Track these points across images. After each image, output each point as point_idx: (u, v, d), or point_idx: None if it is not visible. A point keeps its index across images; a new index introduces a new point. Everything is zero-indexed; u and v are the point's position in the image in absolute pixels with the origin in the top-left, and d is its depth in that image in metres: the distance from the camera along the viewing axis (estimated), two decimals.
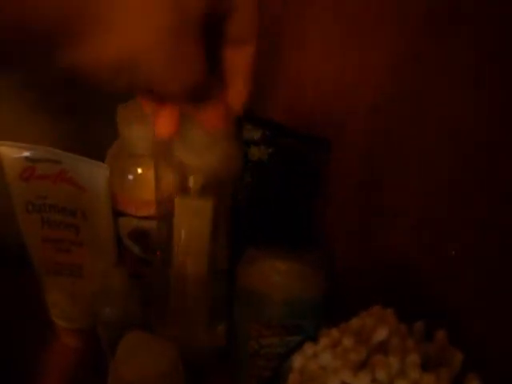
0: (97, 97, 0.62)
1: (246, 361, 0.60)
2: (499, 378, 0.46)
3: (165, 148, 0.53)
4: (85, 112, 0.69)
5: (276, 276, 0.55)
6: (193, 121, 0.45)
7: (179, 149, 0.52)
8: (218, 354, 0.62)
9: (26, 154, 0.57)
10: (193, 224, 0.55)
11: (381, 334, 0.44)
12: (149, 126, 0.58)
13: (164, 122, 0.41)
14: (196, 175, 0.54)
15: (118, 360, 0.55)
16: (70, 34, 0.31)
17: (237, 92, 0.40)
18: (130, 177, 0.60)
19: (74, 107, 0.66)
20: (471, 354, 0.46)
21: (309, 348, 0.45)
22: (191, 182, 0.54)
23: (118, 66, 0.33)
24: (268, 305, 0.56)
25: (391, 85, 0.51)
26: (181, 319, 0.59)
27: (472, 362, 0.46)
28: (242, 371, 0.62)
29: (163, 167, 0.54)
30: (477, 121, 0.47)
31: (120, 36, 0.32)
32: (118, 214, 0.62)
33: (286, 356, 0.49)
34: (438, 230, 0.53)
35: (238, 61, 0.39)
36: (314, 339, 0.47)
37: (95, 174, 0.58)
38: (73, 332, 0.67)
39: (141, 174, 0.60)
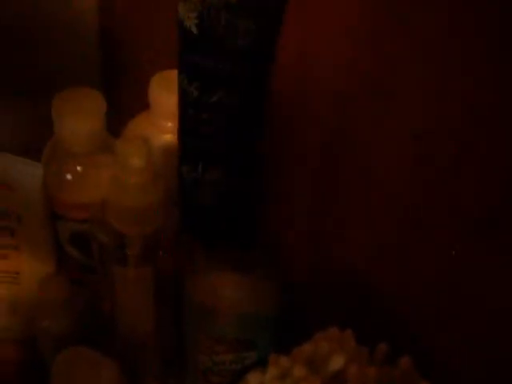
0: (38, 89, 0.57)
1: (198, 377, 0.56)
2: None
3: (100, 213, 0.50)
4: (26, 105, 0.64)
5: (226, 289, 0.51)
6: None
7: (112, 217, 0.49)
8: None
9: None
10: (134, 291, 0.53)
11: (337, 361, 0.39)
12: (87, 118, 0.53)
13: None
14: (133, 243, 0.50)
15: (53, 379, 0.52)
16: None
17: None
18: (68, 176, 0.55)
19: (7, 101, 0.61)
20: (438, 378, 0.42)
21: (254, 378, 0.40)
22: (128, 250, 0.51)
23: None
24: (219, 320, 0.52)
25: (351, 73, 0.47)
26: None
27: None
28: None
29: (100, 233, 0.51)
30: (440, 118, 0.43)
31: None
32: (56, 217, 0.57)
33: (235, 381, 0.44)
34: (399, 240, 0.49)
35: None
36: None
37: (28, 174, 0.54)
38: (11, 343, 0.62)
39: (80, 173, 0.55)
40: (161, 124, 0.56)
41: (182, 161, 0.50)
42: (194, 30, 0.45)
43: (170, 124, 0.55)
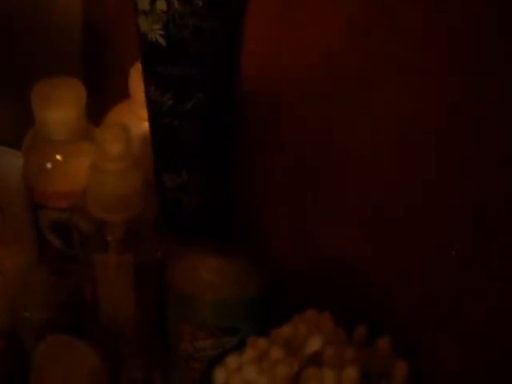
0: (18, 78, 0.57)
1: (180, 364, 0.56)
2: None
3: (81, 202, 0.50)
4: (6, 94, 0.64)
5: (206, 273, 0.51)
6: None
7: (92, 204, 0.50)
8: None
9: None
10: (115, 278, 0.53)
11: (314, 343, 0.40)
12: (67, 106, 0.53)
13: None
14: (114, 229, 0.50)
15: (35, 368, 0.52)
16: None
17: None
18: (48, 165, 0.55)
19: None
20: (416, 361, 0.42)
21: (232, 360, 0.40)
22: (109, 236, 0.51)
23: None
24: (199, 305, 0.52)
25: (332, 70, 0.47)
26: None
27: (418, 370, 0.42)
28: (177, 374, 0.57)
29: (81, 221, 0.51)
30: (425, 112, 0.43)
31: None
32: (37, 206, 0.57)
33: (213, 363, 0.44)
34: (382, 228, 0.49)
35: None
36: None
37: (8, 162, 0.53)
38: None
39: (60, 161, 0.55)
40: (140, 113, 0.56)
41: (164, 170, 0.50)
42: (161, 41, 0.45)
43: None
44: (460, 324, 0.46)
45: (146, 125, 0.54)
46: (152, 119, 0.50)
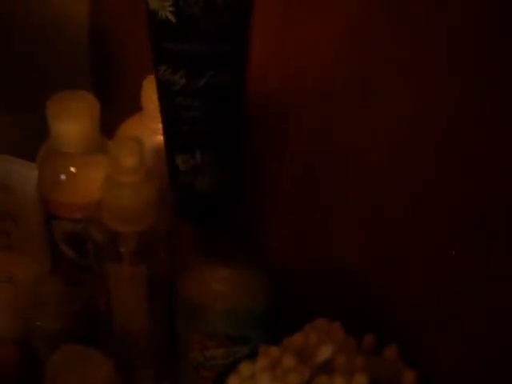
0: (29, 91, 0.58)
1: (190, 373, 0.56)
2: None
3: (95, 213, 0.51)
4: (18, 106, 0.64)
5: (216, 284, 0.52)
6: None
7: (107, 216, 0.51)
8: None
9: None
10: (128, 289, 0.53)
11: (325, 351, 0.40)
12: (81, 119, 0.54)
13: None
14: (127, 241, 0.52)
15: (48, 377, 0.52)
16: None
17: None
18: (63, 177, 0.56)
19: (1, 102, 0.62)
20: (423, 370, 0.43)
21: (245, 368, 0.41)
22: (122, 247, 0.52)
23: None
24: (210, 315, 0.53)
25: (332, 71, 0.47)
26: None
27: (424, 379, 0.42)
28: (187, 383, 0.57)
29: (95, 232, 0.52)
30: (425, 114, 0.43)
31: None
32: (51, 217, 0.57)
33: (224, 372, 0.45)
34: (385, 233, 0.49)
35: None
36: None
37: (22, 174, 0.54)
38: (6, 343, 0.62)
39: (74, 173, 0.56)
40: (153, 126, 0.57)
41: (176, 152, 0.50)
42: (172, 17, 0.44)
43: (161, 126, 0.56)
44: (460, 324, 0.46)
45: (158, 138, 0.56)
46: (163, 99, 0.49)
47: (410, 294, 0.49)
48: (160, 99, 0.49)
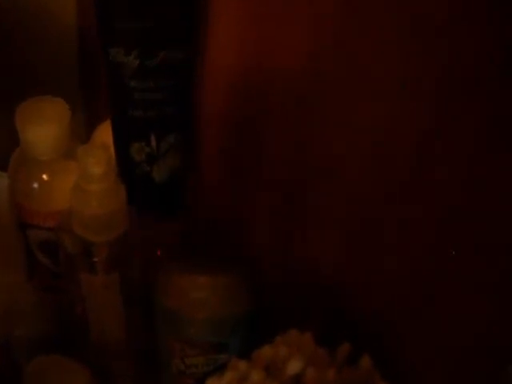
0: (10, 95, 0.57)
1: (171, 381, 0.56)
2: None
3: (66, 222, 0.50)
4: None
5: (195, 292, 0.51)
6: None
7: (77, 225, 0.49)
8: None
9: None
10: (102, 297, 0.52)
11: (294, 366, 0.39)
12: (51, 125, 0.53)
13: None
14: (99, 250, 0.50)
15: None
16: None
17: None
18: (35, 185, 0.55)
19: None
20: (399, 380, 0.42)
21: (212, 383, 0.40)
22: (95, 257, 0.51)
23: None
24: (189, 323, 0.52)
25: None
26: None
27: None
28: None
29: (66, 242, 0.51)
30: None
31: None
32: (25, 225, 0.56)
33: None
34: (369, 239, 0.48)
35: None
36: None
37: None
38: None
39: (46, 181, 0.55)
40: None
41: (130, 141, 0.49)
42: None
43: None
44: (437, 333, 0.45)
45: None
46: (114, 84, 0.48)
47: (401, 299, 0.48)
48: (110, 85, 0.47)
